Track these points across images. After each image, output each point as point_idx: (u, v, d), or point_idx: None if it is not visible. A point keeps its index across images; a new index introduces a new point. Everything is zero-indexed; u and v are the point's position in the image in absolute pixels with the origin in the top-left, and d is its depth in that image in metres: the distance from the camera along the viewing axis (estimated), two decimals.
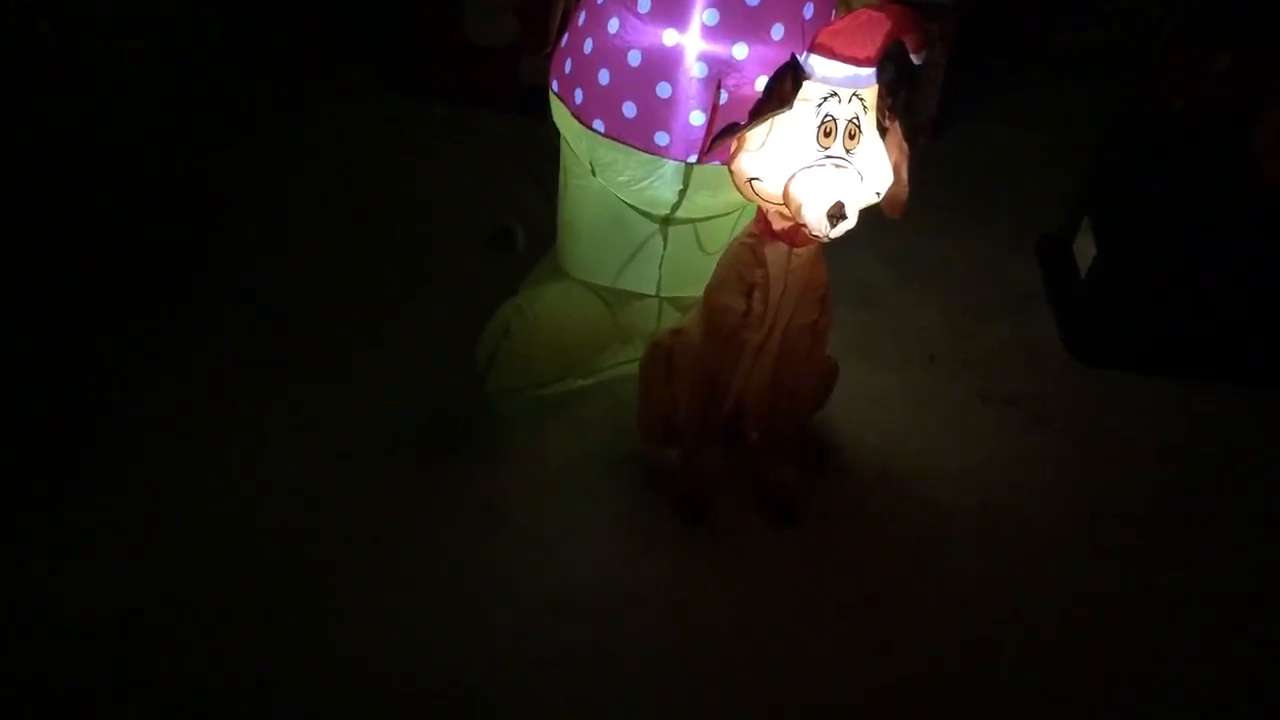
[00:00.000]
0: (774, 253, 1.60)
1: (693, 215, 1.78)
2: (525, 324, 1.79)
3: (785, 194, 1.49)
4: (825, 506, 1.78)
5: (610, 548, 1.69)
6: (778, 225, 1.57)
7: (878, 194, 1.56)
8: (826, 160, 1.49)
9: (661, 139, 1.63)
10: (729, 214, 1.80)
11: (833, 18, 1.60)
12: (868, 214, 1.56)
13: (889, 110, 1.55)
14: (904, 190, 1.60)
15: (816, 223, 1.46)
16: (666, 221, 1.79)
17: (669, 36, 1.57)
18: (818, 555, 1.71)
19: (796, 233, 1.55)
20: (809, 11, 1.59)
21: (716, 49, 1.57)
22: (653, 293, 1.89)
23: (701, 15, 1.56)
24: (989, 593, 1.68)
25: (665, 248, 1.83)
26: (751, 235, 1.62)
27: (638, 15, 1.58)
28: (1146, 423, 2.03)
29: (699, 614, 1.61)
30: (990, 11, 3.13)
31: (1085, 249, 2.22)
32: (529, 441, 1.83)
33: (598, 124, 1.66)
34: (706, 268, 1.67)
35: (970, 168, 2.77)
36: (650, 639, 1.56)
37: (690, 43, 1.57)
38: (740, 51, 1.58)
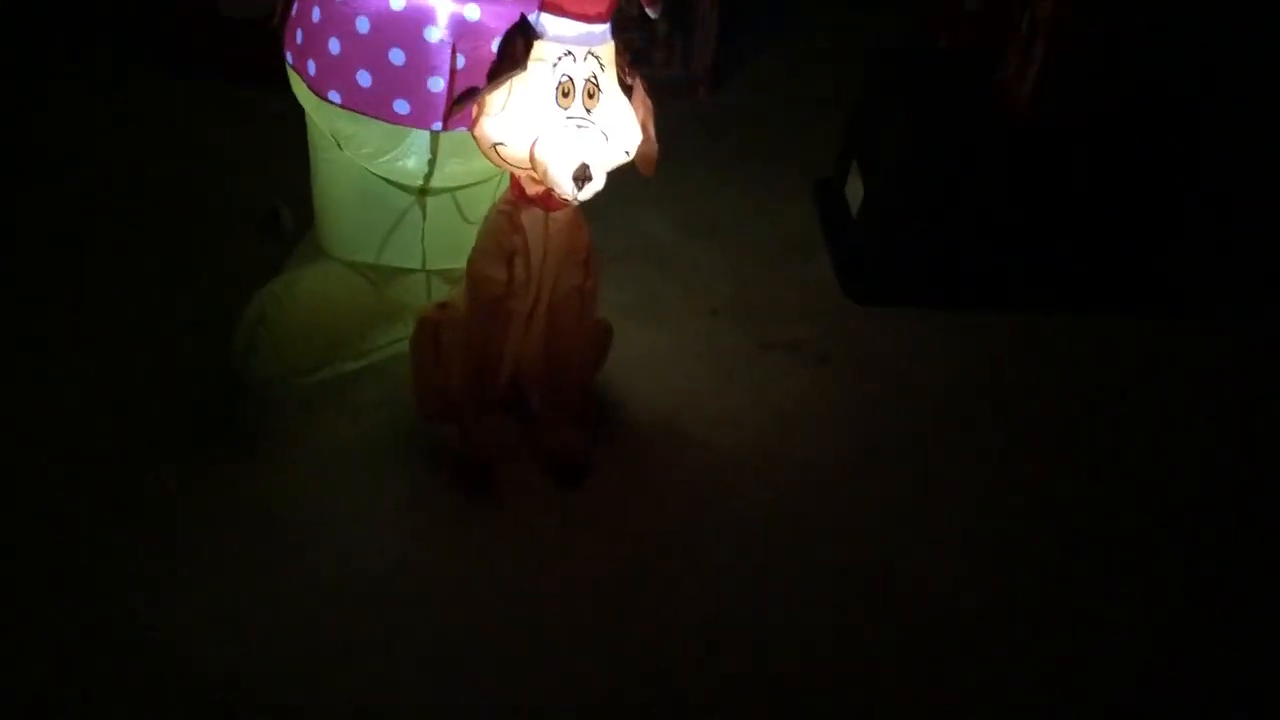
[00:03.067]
0: (531, 218, 1.57)
1: (449, 184, 1.73)
2: (281, 310, 1.70)
3: (530, 158, 1.46)
4: (610, 466, 1.77)
5: (389, 531, 1.64)
6: (531, 190, 1.54)
7: (627, 153, 1.54)
8: (568, 121, 1.46)
9: (401, 107, 1.57)
10: (488, 180, 1.76)
11: None
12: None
13: (628, 67, 1.53)
14: (654, 147, 1.59)
15: (563, 186, 1.44)
16: (423, 192, 1.74)
17: (396, 1, 1.51)
18: (603, 516, 1.70)
19: (550, 197, 1.52)
20: None
21: (448, 10, 1.52)
22: (419, 267, 1.84)
23: None
24: (771, 529, 1.71)
25: (425, 220, 1.77)
26: (507, 202, 1.58)
27: None
28: (922, 356, 2.09)
29: (482, 592, 1.57)
30: None
31: (855, 190, 2.27)
32: (299, 431, 1.76)
33: (334, 95, 1.59)
34: (471, 237, 1.62)
35: (750, 116, 2.79)
36: (430, 624, 1.52)
37: (419, 5, 1.51)
38: (473, 12, 1.53)
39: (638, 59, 1.58)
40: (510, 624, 1.54)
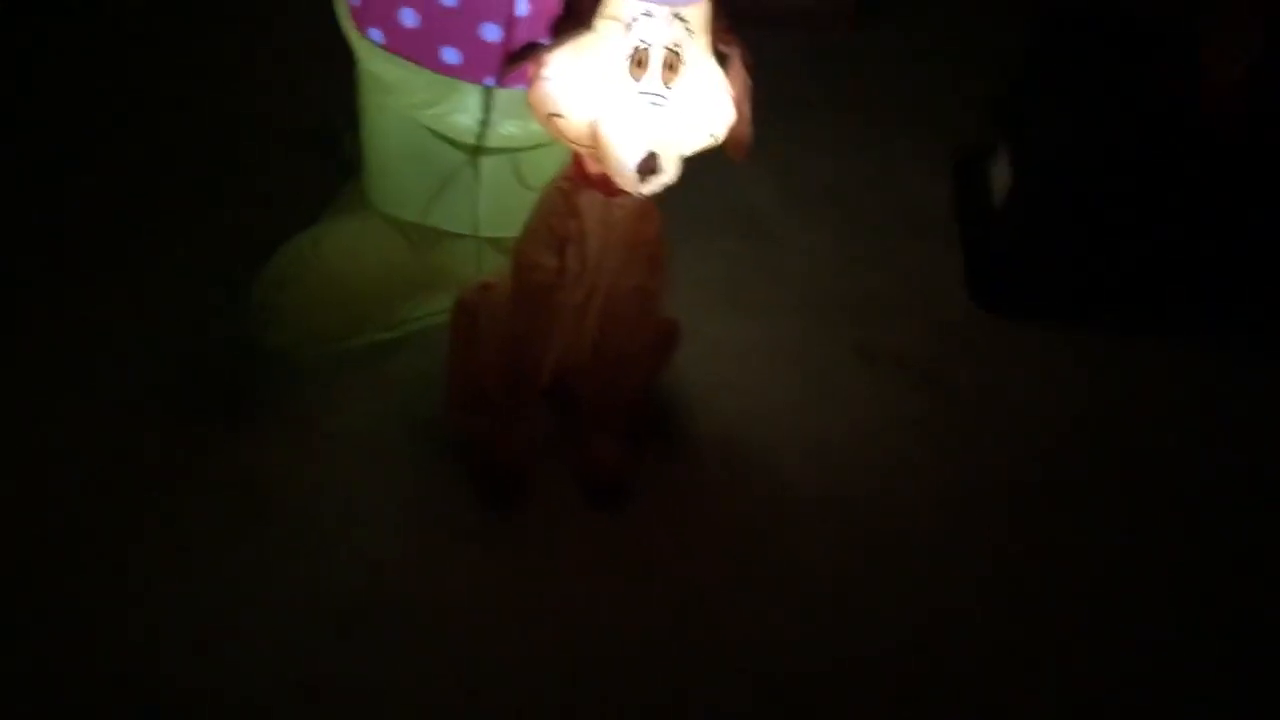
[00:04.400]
0: (590, 201, 1.31)
1: (507, 145, 1.47)
2: (307, 270, 1.50)
3: (593, 137, 1.20)
4: (657, 486, 1.54)
5: (395, 539, 1.45)
6: (592, 169, 1.28)
7: (713, 136, 1.26)
8: (640, 97, 1.19)
9: (451, 56, 1.32)
10: (554, 143, 1.49)
11: None
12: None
13: (725, 33, 1.24)
14: (748, 130, 1.30)
15: (625, 175, 1.18)
16: (477, 151, 1.49)
17: None
18: (642, 547, 1.48)
19: (613, 181, 1.26)
20: None
21: None
22: (469, 232, 1.60)
23: None
24: (838, 597, 1.46)
25: (479, 181, 1.53)
26: (566, 179, 1.33)
27: None
28: (1056, 385, 1.77)
29: (495, 624, 1.38)
30: None
31: (1001, 175, 1.92)
32: (315, 404, 1.56)
33: (375, 34, 1.35)
34: (532, 204, 1.38)
35: (896, 64, 2.41)
36: (436, 655, 1.34)
37: None
38: None
39: None
40: (508, 658, 1.35)
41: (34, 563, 1.37)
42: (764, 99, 1.28)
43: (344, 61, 1.56)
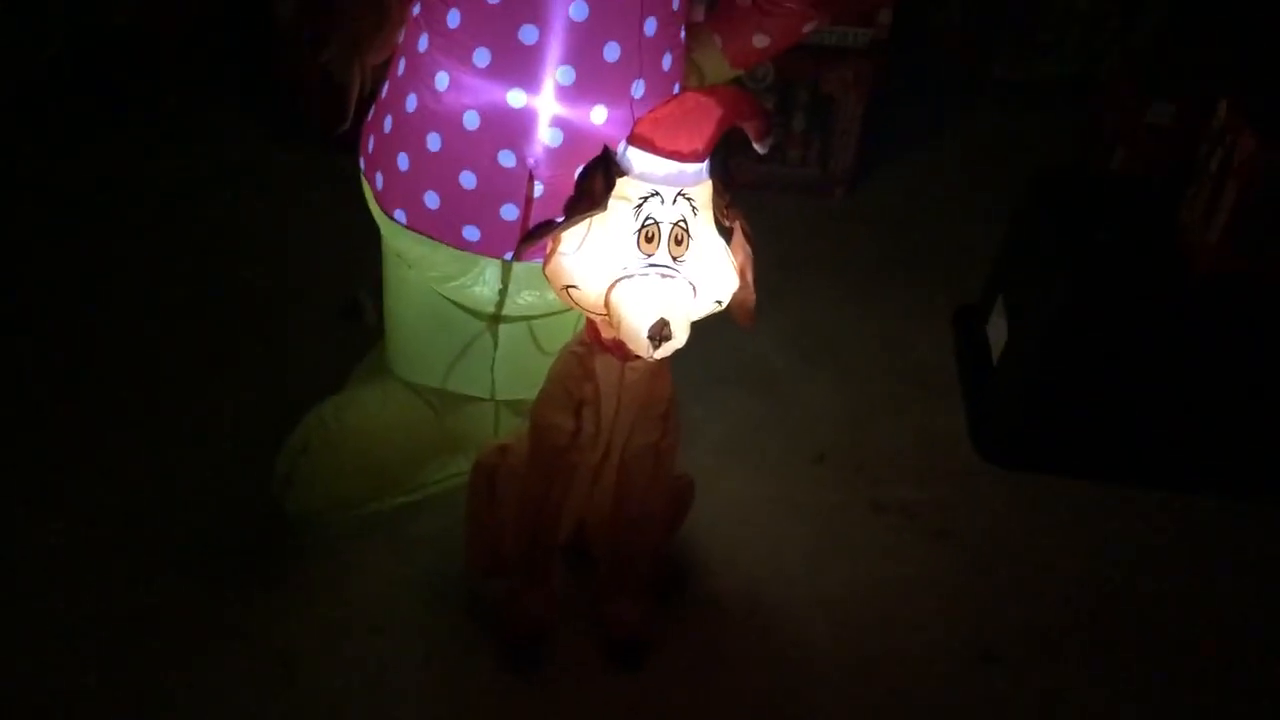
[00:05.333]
0: (604, 365, 1.37)
1: (523, 313, 1.55)
2: (328, 437, 1.55)
3: (605, 305, 1.27)
4: (677, 646, 1.55)
5: (417, 700, 1.45)
6: (606, 335, 1.35)
7: (719, 302, 1.33)
8: (650, 269, 1.26)
9: (471, 234, 1.40)
10: (568, 311, 1.57)
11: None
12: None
13: (727, 209, 1.32)
14: (752, 296, 1.37)
15: (638, 342, 1.24)
16: (494, 319, 1.56)
17: (470, 119, 1.34)
18: (658, 705, 1.48)
19: (626, 346, 1.32)
20: (640, 90, 1.36)
21: (527, 133, 1.34)
22: (487, 396, 1.66)
23: (510, 93, 1.33)
24: None
25: (496, 348, 1.59)
26: (582, 344, 1.39)
27: (438, 91, 1.35)
28: (1061, 537, 1.79)
29: None
30: (926, 40, 2.92)
31: (998, 331, 1.99)
32: (339, 566, 1.59)
33: (399, 214, 1.43)
34: (547, 368, 1.44)
35: (891, 224, 2.52)
36: None
37: (495, 125, 1.34)
38: (554, 137, 1.34)
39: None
40: None
41: None
42: (770, 259, 1.35)
43: (367, 236, 1.65)
